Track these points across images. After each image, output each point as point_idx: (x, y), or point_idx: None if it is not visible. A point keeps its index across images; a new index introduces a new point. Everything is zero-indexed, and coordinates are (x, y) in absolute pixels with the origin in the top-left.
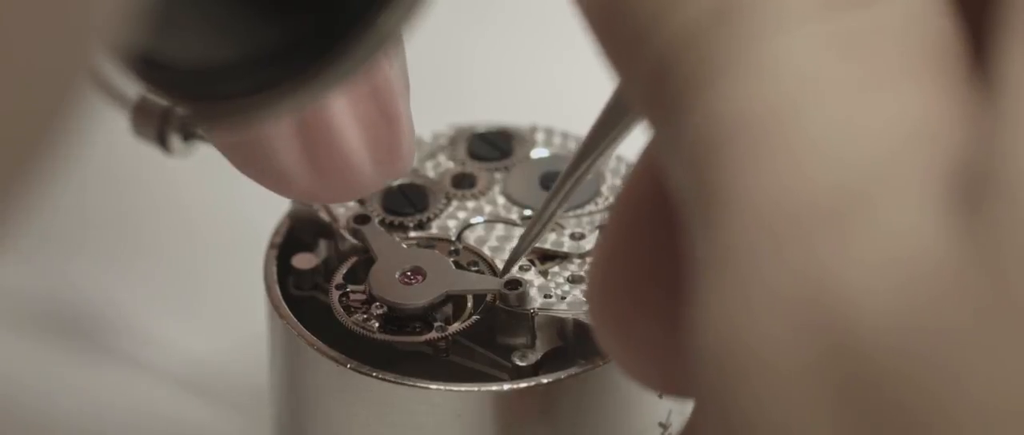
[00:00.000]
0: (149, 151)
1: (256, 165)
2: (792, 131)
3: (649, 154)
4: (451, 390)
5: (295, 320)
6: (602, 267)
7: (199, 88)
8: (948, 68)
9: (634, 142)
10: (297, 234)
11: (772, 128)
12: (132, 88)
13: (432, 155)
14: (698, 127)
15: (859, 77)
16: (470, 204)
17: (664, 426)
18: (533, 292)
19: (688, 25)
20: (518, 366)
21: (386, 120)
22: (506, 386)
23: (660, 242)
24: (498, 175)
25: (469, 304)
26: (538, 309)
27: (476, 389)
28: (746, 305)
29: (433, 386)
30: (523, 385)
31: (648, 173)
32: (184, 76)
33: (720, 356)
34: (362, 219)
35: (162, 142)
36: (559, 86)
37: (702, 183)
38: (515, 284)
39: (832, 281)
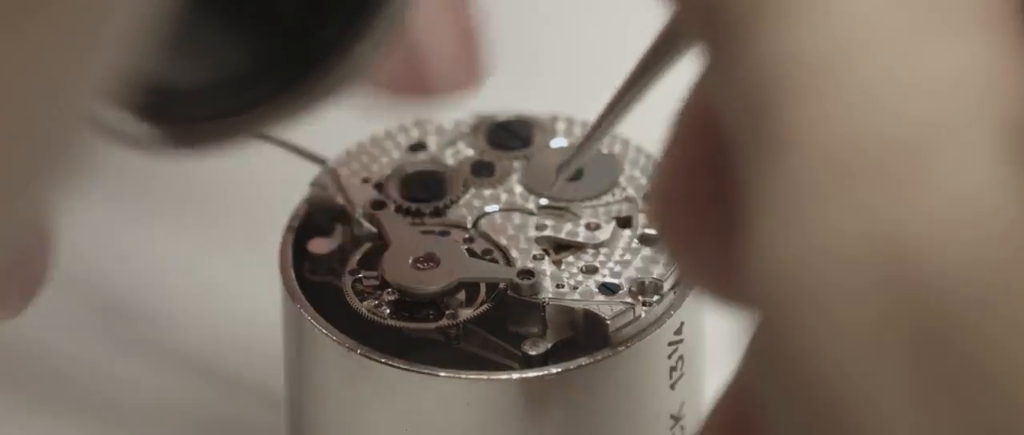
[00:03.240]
0: None
1: None
2: (856, 74)
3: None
4: (461, 378)
5: (307, 304)
6: (663, 180)
7: (171, 110)
8: (1007, 20)
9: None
10: (314, 219)
11: (833, 69)
12: (106, 111)
13: (452, 142)
14: (753, 63)
15: (916, 23)
16: (487, 192)
17: (676, 418)
18: (545, 282)
19: None
20: (528, 355)
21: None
22: (516, 375)
23: (721, 158)
24: (517, 164)
25: (482, 292)
26: (550, 299)
27: (486, 378)
28: (806, 246)
29: (442, 374)
30: (533, 375)
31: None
32: (156, 98)
33: (777, 298)
34: (378, 205)
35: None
36: (581, 76)
37: (757, 118)
38: (528, 273)
39: (900, 228)
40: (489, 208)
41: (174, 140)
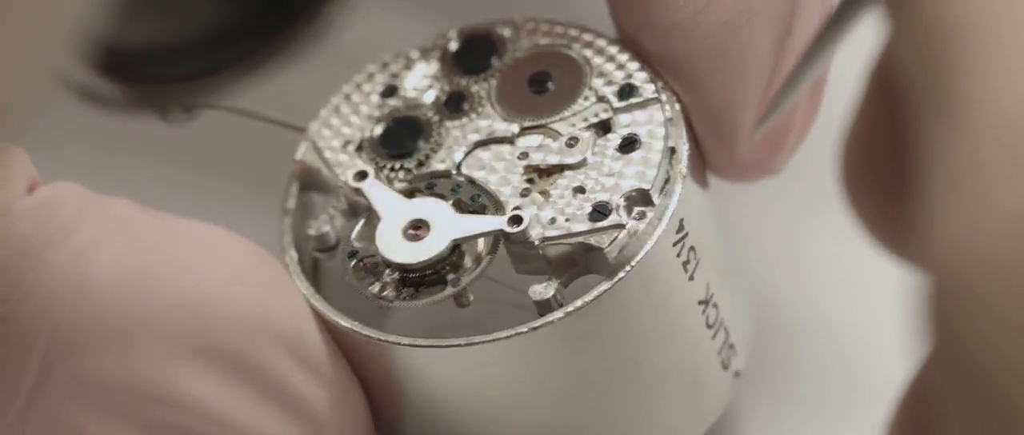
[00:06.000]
0: None
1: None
2: None
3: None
4: (481, 343)
5: (332, 309)
6: (849, 145)
7: (146, 71)
8: None
9: None
10: (305, 193)
11: (1013, 28)
12: (93, 80)
13: (423, 76)
14: (931, 20)
15: None
16: (467, 124)
17: (705, 301)
18: (536, 222)
19: None
20: (537, 302)
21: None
22: (530, 326)
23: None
24: (488, 85)
25: (480, 243)
26: (544, 240)
27: (504, 335)
28: (981, 223)
29: (458, 343)
30: (553, 318)
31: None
32: (131, 60)
33: (951, 271)
34: (361, 175)
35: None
36: None
37: (934, 78)
38: (516, 220)
39: None
40: (471, 137)
41: (153, 102)
